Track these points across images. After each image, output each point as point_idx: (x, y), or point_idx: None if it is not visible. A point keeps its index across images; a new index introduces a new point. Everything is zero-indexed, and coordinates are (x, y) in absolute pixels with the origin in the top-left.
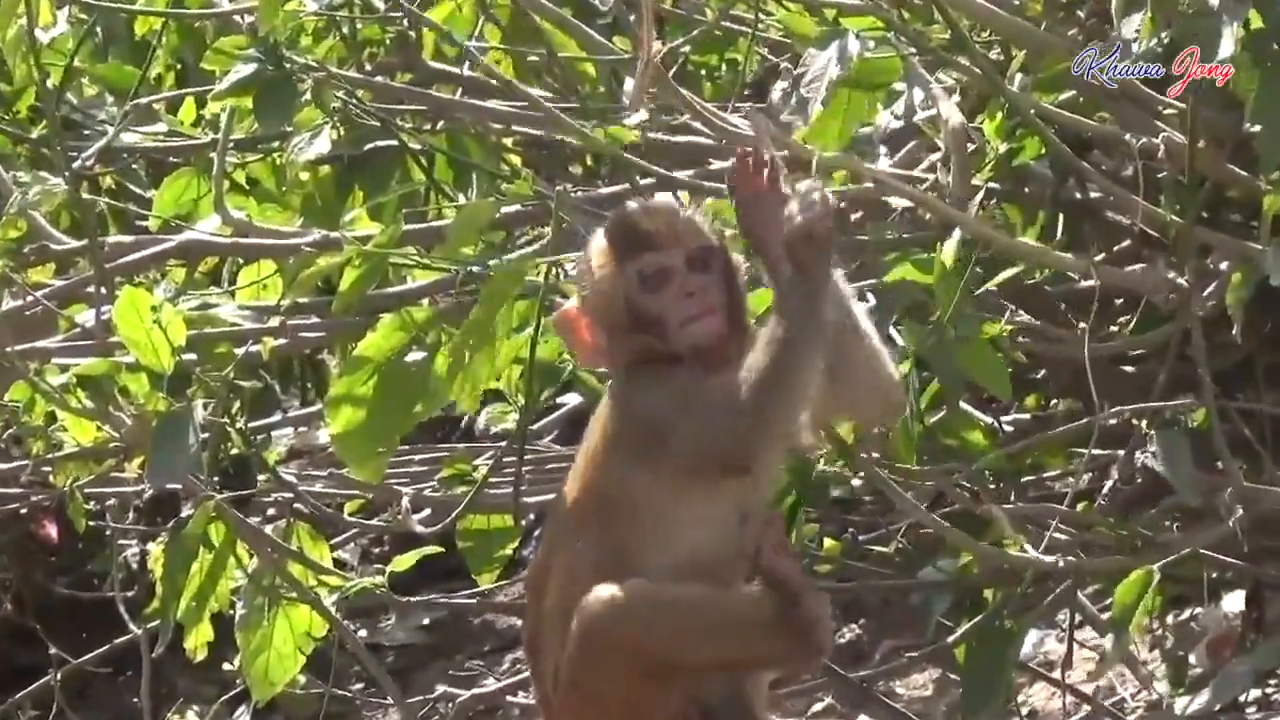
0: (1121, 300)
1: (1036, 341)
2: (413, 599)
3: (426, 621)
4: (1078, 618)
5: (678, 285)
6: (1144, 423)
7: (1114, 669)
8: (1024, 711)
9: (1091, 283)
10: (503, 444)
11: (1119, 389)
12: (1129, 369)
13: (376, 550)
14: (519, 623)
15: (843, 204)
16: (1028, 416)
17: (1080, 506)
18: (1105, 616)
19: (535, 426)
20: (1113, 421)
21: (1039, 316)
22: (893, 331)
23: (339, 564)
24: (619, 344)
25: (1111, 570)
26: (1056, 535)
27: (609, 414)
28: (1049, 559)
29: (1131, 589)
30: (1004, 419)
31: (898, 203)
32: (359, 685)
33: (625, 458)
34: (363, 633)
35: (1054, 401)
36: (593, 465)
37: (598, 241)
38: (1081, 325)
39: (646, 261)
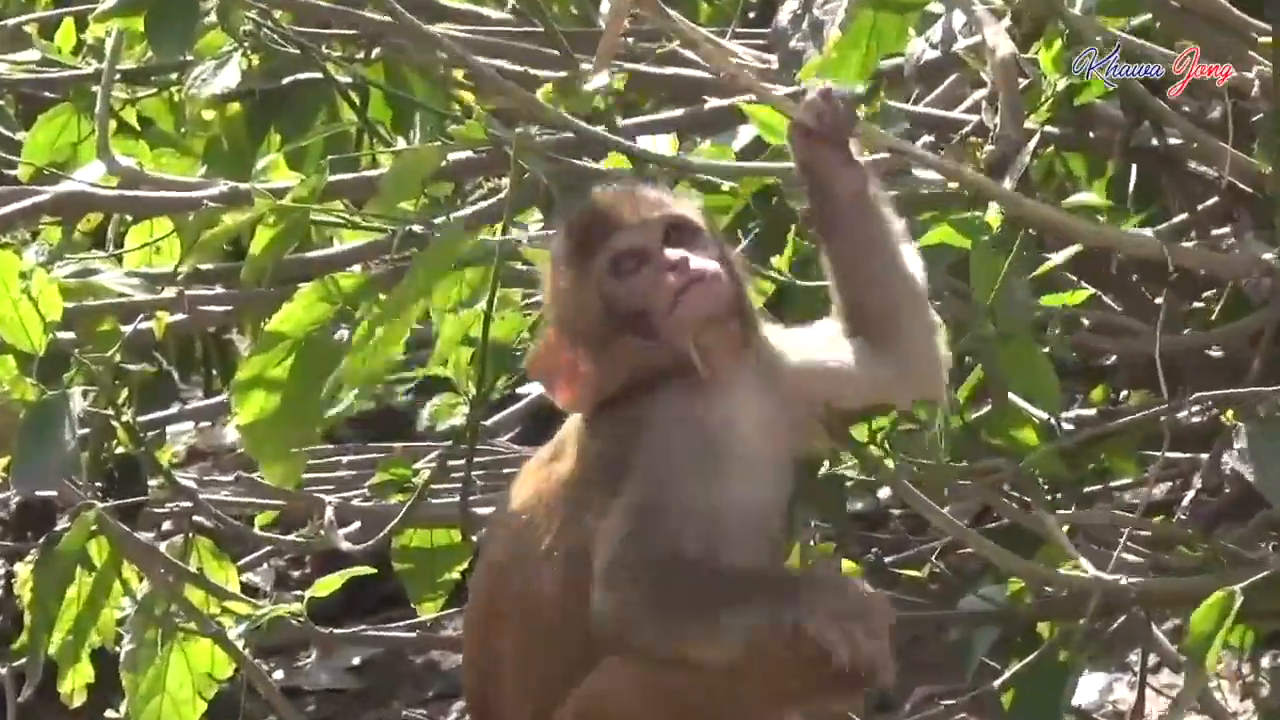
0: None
1: (1101, 332)
2: (338, 631)
3: (356, 661)
4: (1152, 658)
5: (656, 263)
6: (1232, 416)
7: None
8: None
9: None
10: (449, 443)
11: (1203, 377)
12: (1215, 353)
13: (295, 573)
14: None
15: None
16: (1092, 412)
17: (1156, 521)
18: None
19: (489, 422)
20: (1195, 417)
21: (1105, 291)
22: None
23: (249, 589)
24: (606, 364)
25: (1189, 594)
26: (1125, 555)
27: (578, 444)
28: (1113, 578)
29: (1210, 614)
30: (1062, 415)
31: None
32: None
33: (592, 503)
34: (278, 674)
35: (1123, 393)
36: (555, 498)
37: (558, 245)
38: (1156, 300)
39: (615, 244)
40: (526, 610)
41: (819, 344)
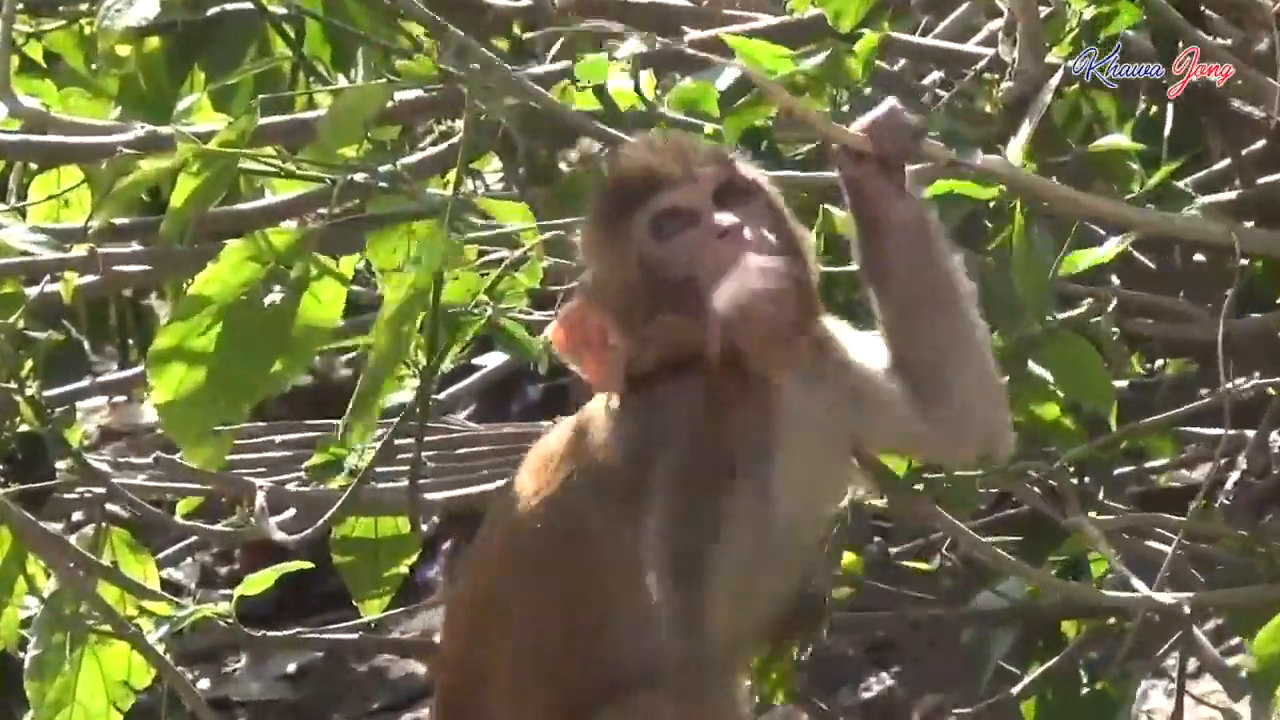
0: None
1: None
2: (271, 634)
3: (292, 669)
4: (1192, 663)
5: (706, 227)
6: None
7: None
8: None
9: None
10: (395, 420)
11: (1250, 348)
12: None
13: (223, 569)
14: (421, 670)
15: None
16: (1124, 384)
17: (1197, 519)
18: (1232, 661)
19: (442, 396)
20: (1243, 392)
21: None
22: None
23: (171, 587)
24: (641, 338)
25: (1244, 605)
26: (1156, 545)
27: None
28: (1162, 598)
29: (1276, 635)
30: None
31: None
32: None
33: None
34: (204, 684)
35: (1159, 363)
36: (573, 490)
37: (593, 199)
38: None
39: (658, 202)
40: (531, 617)
41: (876, 366)
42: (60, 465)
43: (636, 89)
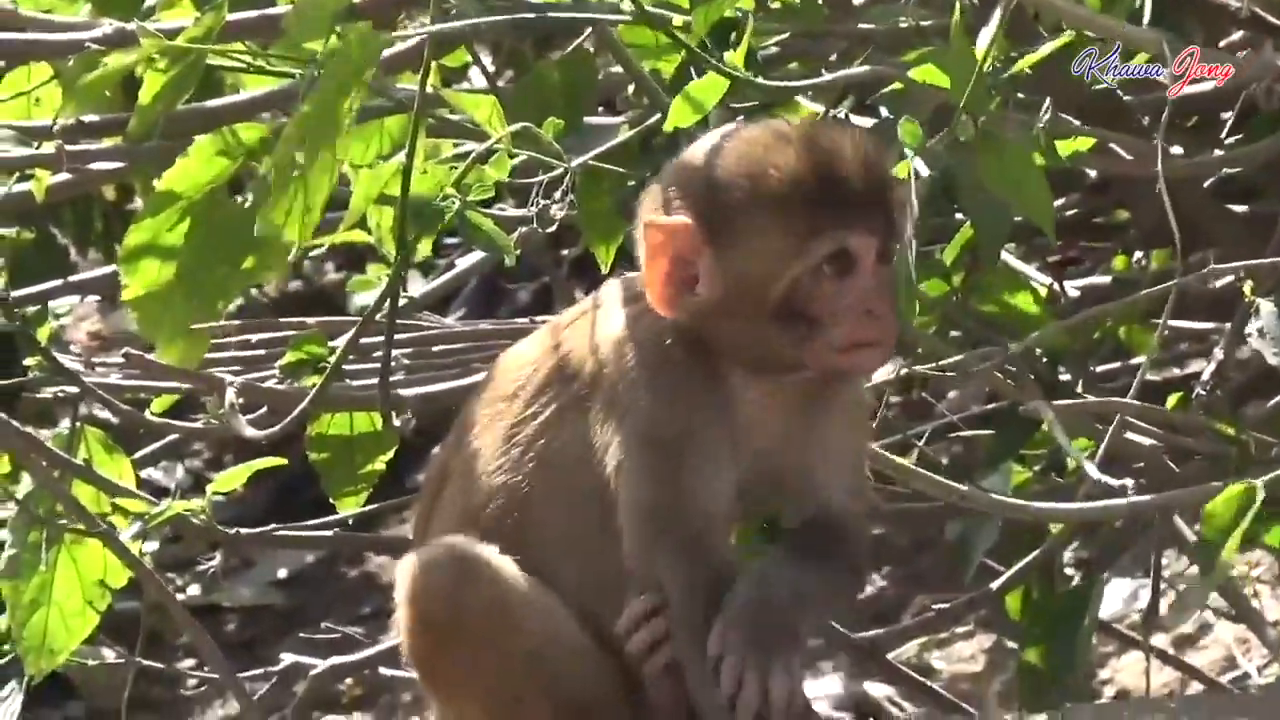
0: (1232, 114)
1: (1105, 161)
2: (246, 531)
3: (283, 574)
4: (1183, 563)
5: (862, 287)
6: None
7: (1237, 639)
8: (1108, 691)
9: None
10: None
11: (1229, 234)
12: (1240, 209)
13: (212, 475)
14: None
15: None
16: (1107, 280)
17: (1173, 403)
18: None
19: (418, 294)
20: (1221, 281)
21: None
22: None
23: (152, 490)
24: (726, 300)
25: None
26: (1135, 437)
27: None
28: (1122, 503)
29: (1228, 506)
30: (1072, 283)
31: None
32: (190, 662)
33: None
34: (194, 589)
35: (1139, 258)
36: (563, 386)
37: (775, 153)
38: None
39: (841, 244)
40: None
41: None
42: (28, 362)
43: None
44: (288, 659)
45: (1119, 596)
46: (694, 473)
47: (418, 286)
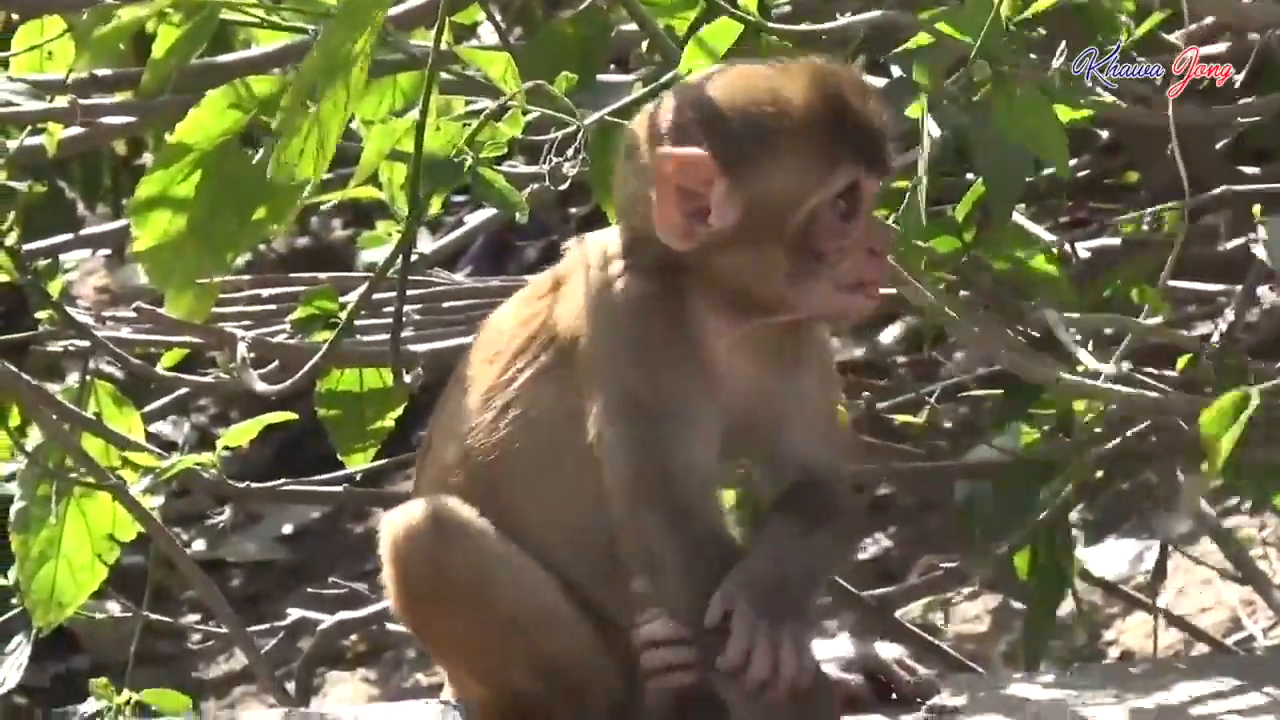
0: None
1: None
2: (255, 485)
3: (288, 530)
4: (1189, 525)
5: (864, 227)
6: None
7: (1243, 600)
8: (1114, 652)
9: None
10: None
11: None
12: (1252, 170)
13: (218, 431)
14: None
15: None
16: (1117, 242)
17: (1182, 364)
18: (1229, 524)
19: (429, 250)
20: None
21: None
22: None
23: (161, 444)
24: (737, 228)
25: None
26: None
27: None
28: (1131, 392)
29: (1220, 417)
30: (1084, 244)
31: None
32: (195, 617)
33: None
34: (199, 544)
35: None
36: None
37: (791, 86)
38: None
39: (855, 178)
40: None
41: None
42: (40, 315)
43: None
44: (294, 614)
45: (1125, 558)
46: (676, 441)
47: (425, 244)
